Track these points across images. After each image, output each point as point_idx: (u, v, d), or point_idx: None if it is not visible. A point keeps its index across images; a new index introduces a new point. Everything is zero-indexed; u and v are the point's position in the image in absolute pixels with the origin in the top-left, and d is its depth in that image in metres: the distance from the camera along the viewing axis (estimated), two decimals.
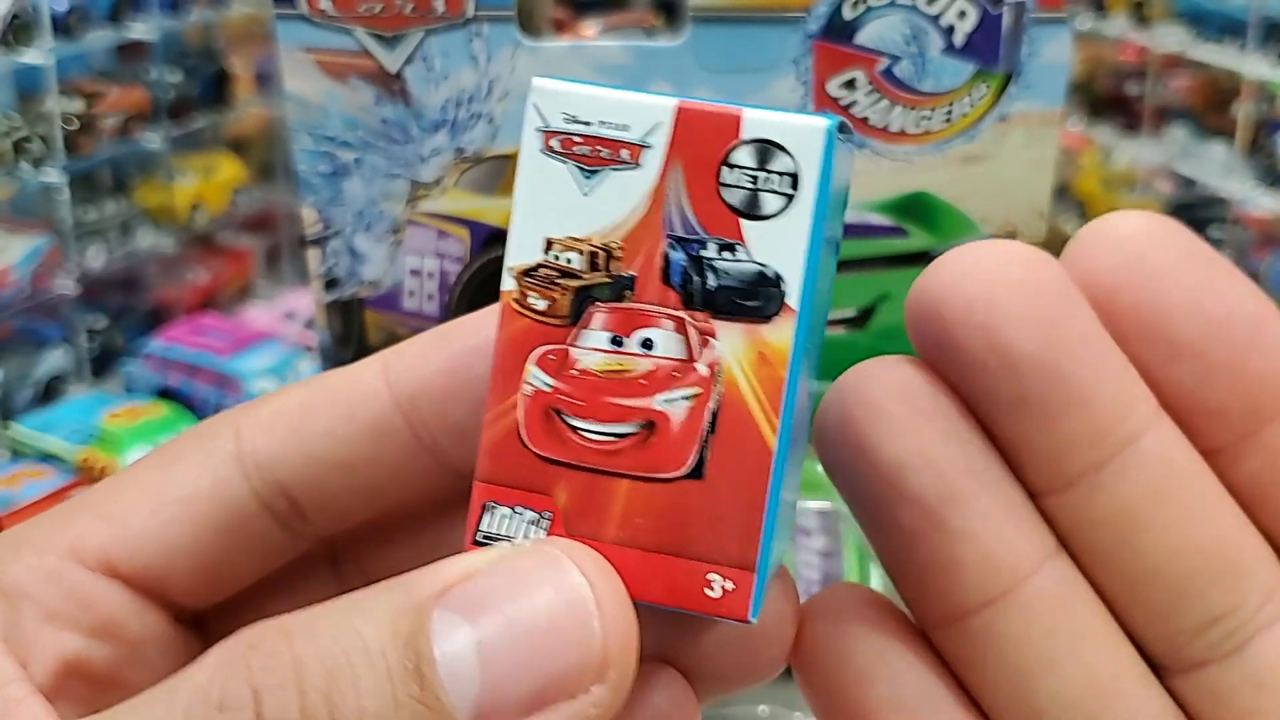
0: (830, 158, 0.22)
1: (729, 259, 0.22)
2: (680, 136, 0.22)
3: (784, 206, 0.22)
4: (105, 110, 0.89)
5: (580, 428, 0.23)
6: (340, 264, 0.48)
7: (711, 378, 0.22)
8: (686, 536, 0.22)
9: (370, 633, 0.20)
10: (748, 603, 0.22)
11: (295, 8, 0.45)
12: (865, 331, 0.49)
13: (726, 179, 0.22)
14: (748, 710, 0.48)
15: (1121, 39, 0.88)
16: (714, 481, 0.22)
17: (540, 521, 0.23)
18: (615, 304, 0.23)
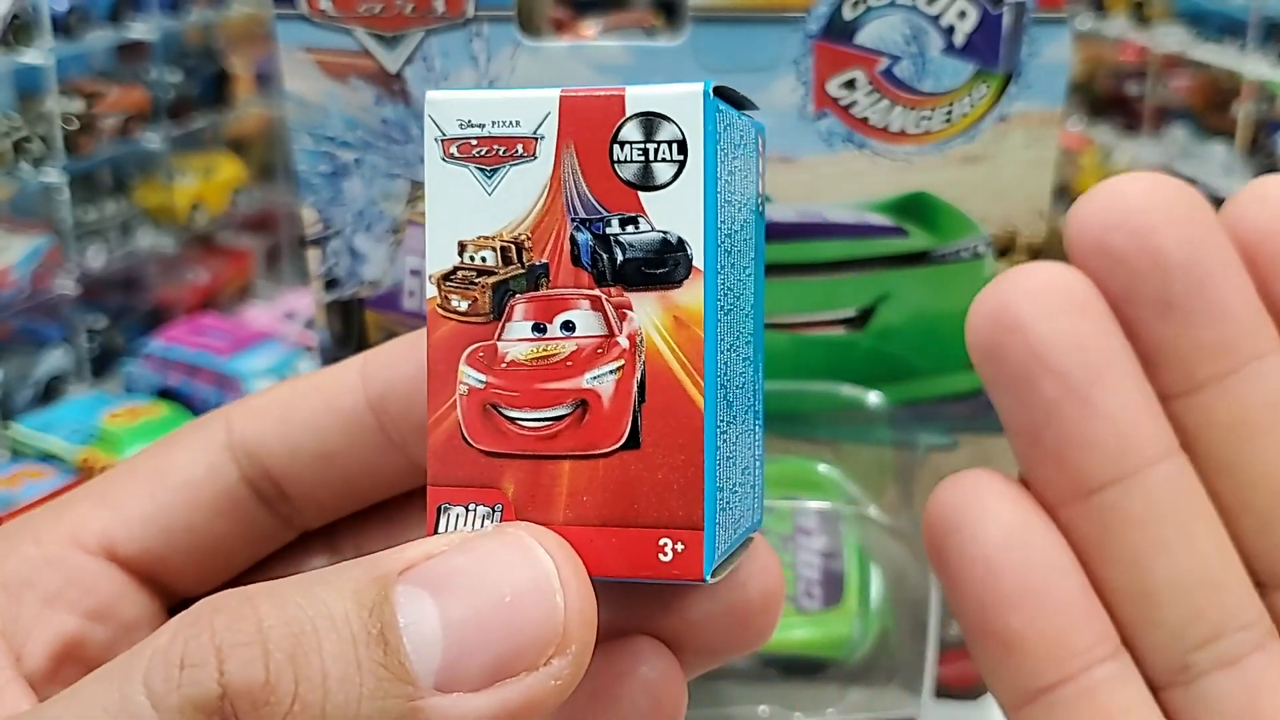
0: (712, 119, 0.23)
1: (633, 232, 0.23)
2: (568, 123, 0.23)
3: (676, 173, 0.23)
4: (105, 110, 0.89)
5: (517, 418, 0.23)
6: (340, 264, 0.48)
7: (633, 349, 0.23)
8: (633, 506, 0.23)
9: (335, 601, 0.21)
10: (700, 562, 0.23)
11: (295, 8, 0.45)
12: (865, 332, 0.49)
13: (619, 156, 0.23)
14: (748, 710, 0.48)
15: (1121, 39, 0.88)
16: (651, 448, 0.23)
17: (493, 515, 0.23)
18: (533, 293, 0.23)
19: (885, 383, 0.49)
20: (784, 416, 0.50)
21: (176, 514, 0.26)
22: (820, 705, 0.49)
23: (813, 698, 0.49)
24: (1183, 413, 0.24)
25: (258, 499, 0.27)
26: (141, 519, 0.26)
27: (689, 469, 0.23)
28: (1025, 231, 0.48)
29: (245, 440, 0.27)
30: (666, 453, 0.23)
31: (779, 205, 0.48)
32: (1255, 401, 0.23)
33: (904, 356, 0.49)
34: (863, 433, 0.50)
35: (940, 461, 0.50)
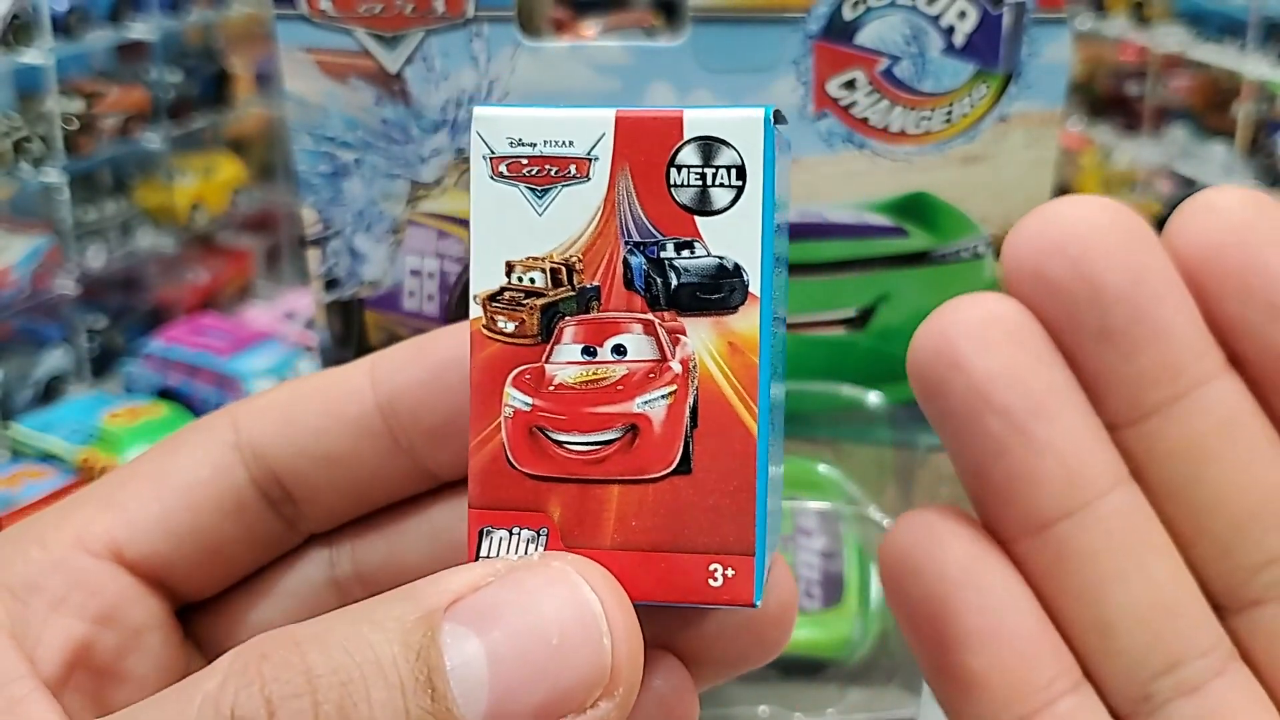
0: (772, 145, 0.23)
1: (688, 256, 0.23)
2: (624, 145, 0.23)
3: (734, 198, 0.23)
4: (105, 110, 0.89)
5: (564, 441, 0.23)
6: (340, 264, 0.48)
7: (686, 374, 0.23)
8: (682, 532, 0.23)
9: (382, 644, 0.20)
10: (751, 587, 0.22)
11: (295, 8, 0.45)
12: (865, 332, 0.49)
13: (675, 179, 0.23)
14: (748, 710, 0.48)
15: (1121, 39, 0.88)
16: (702, 474, 0.23)
17: (538, 539, 0.23)
18: (583, 316, 0.23)
19: (885, 383, 0.49)
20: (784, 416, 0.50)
21: (183, 516, 0.26)
22: (820, 705, 0.49)
23: (813, 698, 0.49)
24: (1131, 441, 0.24)
25: (264, 502, 0.27)
26: (147, 522, 0.26)
27: (741, 495, 0.22)
28: None
29: (252, 442, 0.26)
30: (719, 478, 0.23)
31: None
32: (1204, 427, 0.23)
33: (904, 356, 0.49)
34: (863, 433, 0.50)
35: (940, 462, 0.50)
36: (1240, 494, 0.23)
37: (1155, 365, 0.23)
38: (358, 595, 0.28)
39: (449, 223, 0.48)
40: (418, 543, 0.27)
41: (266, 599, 0.28)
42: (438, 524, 0.27)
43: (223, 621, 0.27)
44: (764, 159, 0.23)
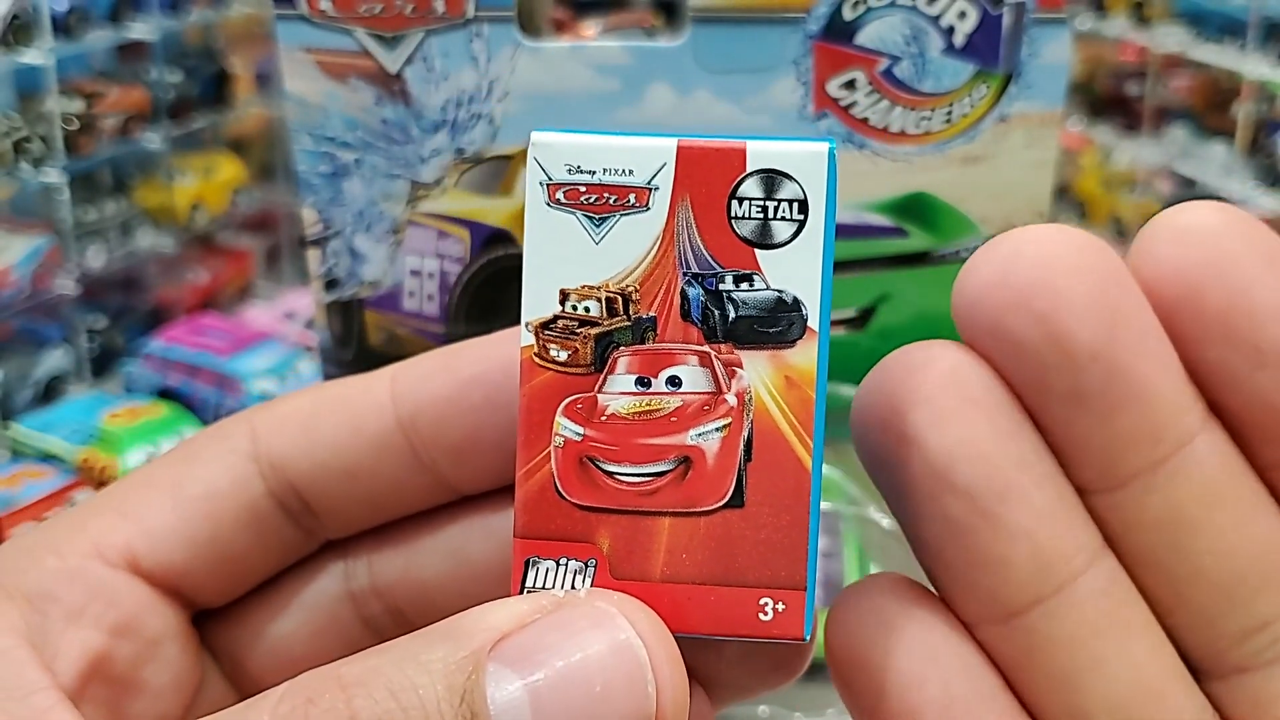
0: (834, 179, 0.22)
1: (747, 289, 0.23)
2: (684, 175, 0.23)
3: (795, 232, 0.22)
4: (105, 110, 0.89)
5: (615, 472, 0.23)
6: (340, 264, 0.48)
7: (741, 407, 0.23)
8: (733, 565, 0.22)
9: (426, 687, 0.20)
10: (802, 621, 0.22)
11: (295, 8, 0.45)
12: (865, 332, 0.49)
13: (736, 212, 0.23)
14: (748, 710, 0.48)
15: (1121, 39, 0.88)
16: (755, 508, 0.22)
17: (586, 570, 0.23)
18: (638, 346, 0.23)
19: None
20: None
21: (200, 527, 0.26)
22: (820, 705, 0.49)
23: (813, 698, 0.49)
24: (1107, 509, 0.21)
25: (282, 513, 0.26)
26: (164, 532, 0.25)
27: (794, 529, 0.22)
28: None
29: (271, 454, 0.26)
30: (772, 513, 0.22)
31: None
32: (1186, 495, 0.21)
33: None
34: None
35: None
36: (1224, 561, 0.21)
37: (1133, 428, 0.21)
38: (374, 608, 0.27)
39: (449, 223, 0.48)
40: (436, 558, 0.27)
41: (282, 610, 0.27)
42: (456, 540, 0.27)
43: (238, 631, 0.27)
44: (826, 193, 0.22)
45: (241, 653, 0.27)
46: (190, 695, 0.26)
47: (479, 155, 0.47)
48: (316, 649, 0.27)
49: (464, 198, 0.47)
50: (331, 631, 0.27)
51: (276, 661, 0.27)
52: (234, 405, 0.79)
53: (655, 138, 0.23)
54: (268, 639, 0.27)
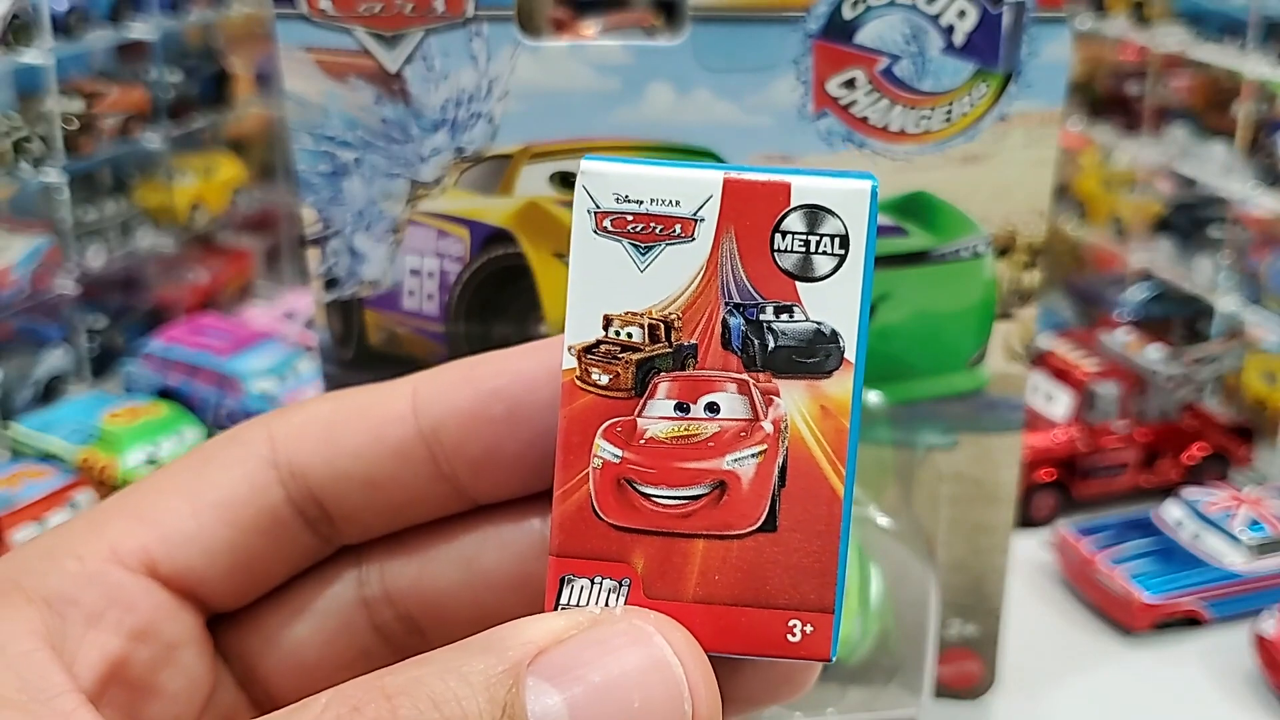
0: (874, 216, 0.23)
1: (787, 320, 0.23)
2: (730, 208, 0.23)
3: (836, 266, 0.23)
4: (105, 110, 0.89)
5: (652, 494, 0.23)
6: (340, 264, 0.48)
7: (777, 434, 0.23)
8: (765, 587, 0.23)
9: (469, 699, 0.21)
10: (828, 643, 0.23)
11: (295, 8, 0.45)
12: None
13: (779, 245, 0.23)
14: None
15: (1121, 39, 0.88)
16: (788, 532, 0.23)
17: (620, 589, 0.23)
18: (679, 373, 0.24)
19: (885, 383, 0.49)
20: None
21: (218, 532, 0.26)
22: (820, 705, 0.49)
23: (813, 698, 0.49)
24: None
25: (300, 519, 0.27)
26: (182, 537, 0.26)
27: (825, 554, 0.23)
28: (1025, 231, 0.48)
29: (290, 461, 0.26)
30: (805, 538, 0.23)
31: None
32: None
33: (904, 356, 0.49)
34: (863, 432, 0.50)
35: (940, 461, 0.50)
36: None
37: None
38: (386, 615, 0.28)
39: (449, 222, 0.48)
40: (450, 568, 0.27)
41: (297, 615, 0.28)
42: (470, 550, 0.27)
43: (250, 636, 0.27)
44: (867, 229, 0.23)
45: (254, 657, 0.27)
46: (204, 700, 0.26)
47: (479, 154, 0.47)
48: (328, 655, 0.27)
49: (464, 197, 0.47)
50: (344, 638, 0.28)
51: (288, 666, 0.27)
52: (234, 405, 0.78)
53: (703, 169, 0.23)
54: (280, 644, 0.27)
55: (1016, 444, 0.50)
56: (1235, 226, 0.79)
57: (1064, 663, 0.58)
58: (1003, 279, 0.49)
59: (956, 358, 0.49)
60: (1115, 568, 0.60)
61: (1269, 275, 0.76)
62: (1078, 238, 0.92)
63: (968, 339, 0.49)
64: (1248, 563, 0.60)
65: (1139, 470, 0.71)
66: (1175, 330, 0.84)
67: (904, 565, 0.48)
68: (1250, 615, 0.58)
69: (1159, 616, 0.59)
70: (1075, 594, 0.63)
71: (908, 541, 0.49)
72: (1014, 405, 0.50)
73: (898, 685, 0.49)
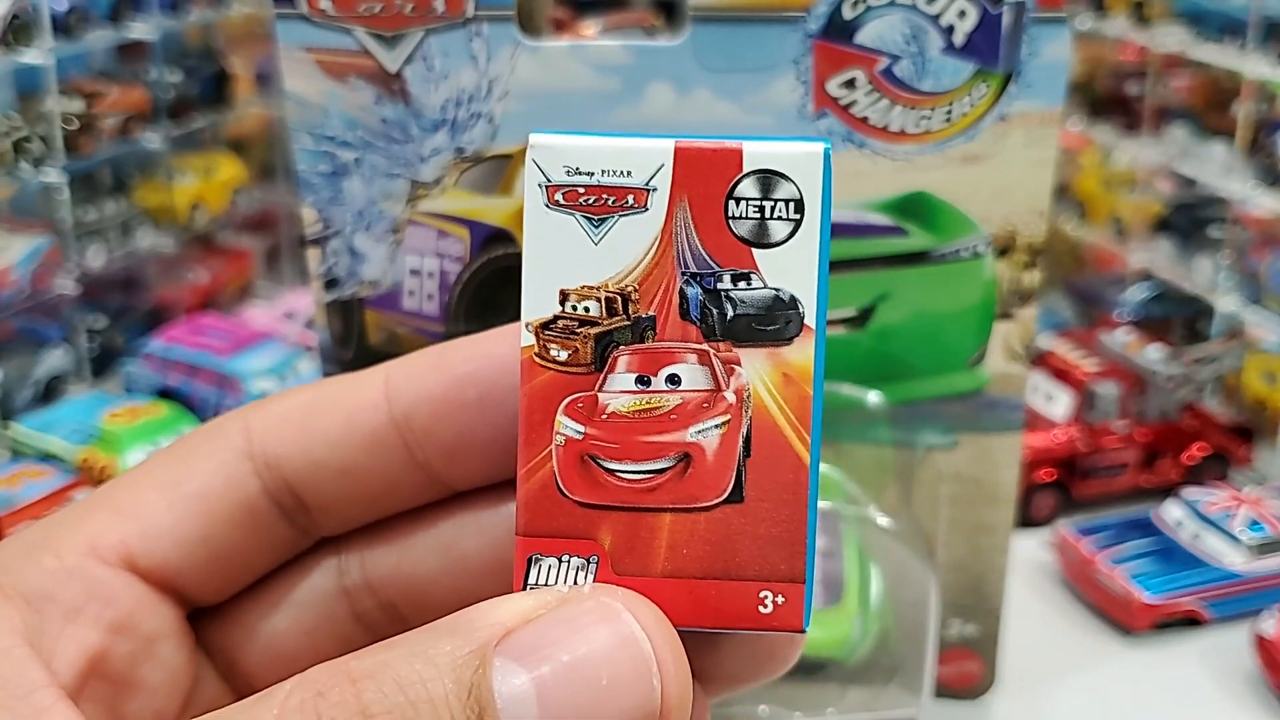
0: (829, 178, 0.23)
1: (745, 288, 0.23)
2: (682, 176, 0.23)
3: (792, 231, 0.23)
4: (105, 110, 0.89)
5: (617, 469, 0.23)
6: (340, 264, 0.48)
7: (740, 404, 0.23)
8: (733, 559, 0.23)
9: (434, 680, 0.21)
10: (801, 613, 0.23)
11: (295, 8, 0.45)
12: (865, 331, 0.49)
13: (734, 212, 0.23)
14: (748, 710, 0.48)
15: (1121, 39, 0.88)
16: (755, 503, 0.23)
17: (588, 567, 0.23)
18: (638, 345, 0.23)
19: (885, 383, 0.49)
20: None
21: (195, 525, 0.26)
22: (820, 705, 0.49)
23: (813, 697, 0.49)
24: None
25: (277, 511, 0.27)
26: (160, 530, 0.26)
27: (793, 523, 0.23)
28: (1025, 231, 0.48)
29: (266, 452, 0.26)
30: (771, 507, 0.23)
31: None
32: None
33: (904, 356, 0.49)
34: (863, 432, 0.50)
35: (940, 461, 0.50)
36: None
37: None
38: (367, 604, 0.28)
39: (449, 222, 0.48)
40: (428, 554, 0.27)
41: (277, 607, 0.28)
42: (448, 536, 0.27)
43: (232, 628, 0.27)
44: (822, 193, 0.23)
45: (235, 650, 0.27)
46: (186, 693, 0.26)
47: (479, 154, 0.47)
48: (310, 645, 0.27)
49: (464, 197, 0.47)
50: (325, 628, 0.28)
51: (270, 658, 0.27)
52: (234, 405, 0.78)
53: (653, 139, 0.23)
54: (261, 636, 0.27)
55: (1016, 444, 0.50)
56: (1235, 226, 0.79)
57: (1064, 663, 0.58)
58: (1003, 279, 0.49)
59: (956, 358, 0.49)
60: (1115, 568, 0.60)
61: (1269, 275, 0.76)
62: (1078, 238, 0.92)
63: (968, 339, 0.49)
64: (1248, 563, 0.60)
65: (1139, 470, 0.71)
66: (1175, 330, 0.84)
67: (904, 565, 0.48)
68: (1250, 615, 0.58)
69: (1159, 616, 0.59)
70: (1075, 594, 0.63)
71: (908, 541, 0.49)
72: (1014, 405, 0.50)
73: (898, 685, 0.49)
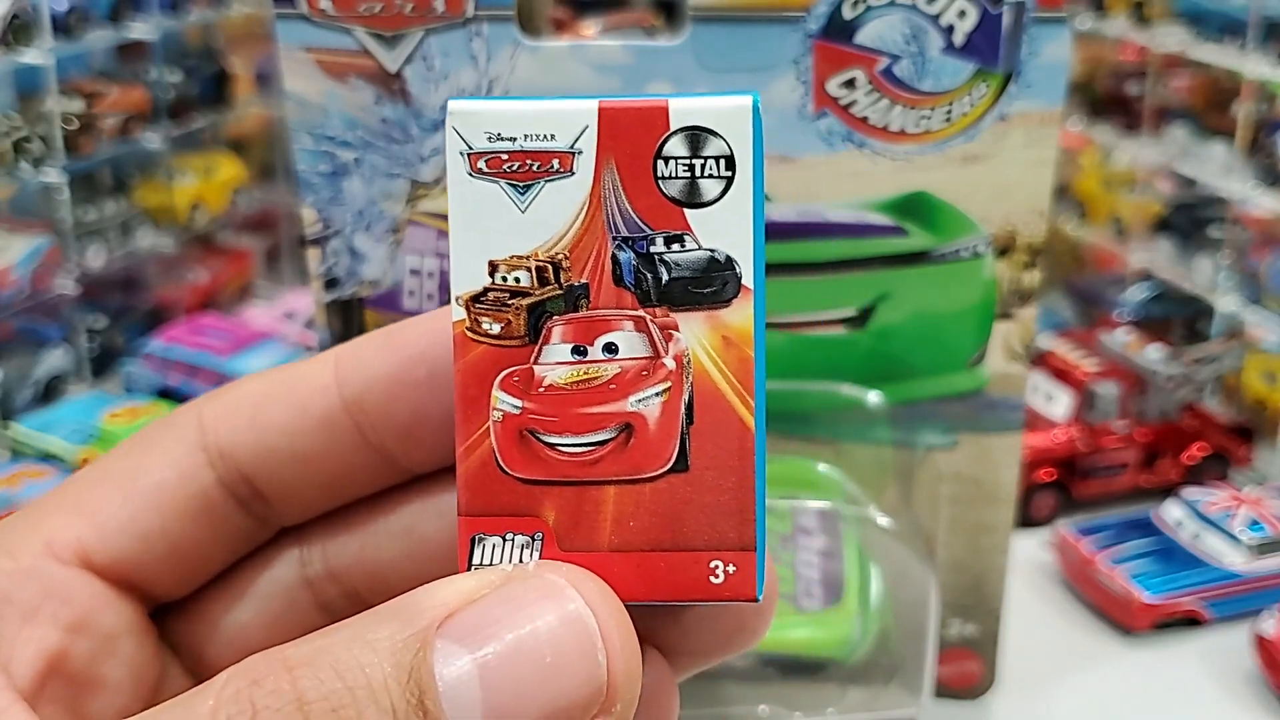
0: (759, 133, 0.22)
1: (679, 250, 0.22)
2: (608, 137, 0.22)
3: (724, 189, 0.22)
4: (105, 110, 0.89)
5: (557, 444, 0.23)
6: (340, 263, 0.48)
7: (680, 370, 0.22)
8: (681, 530, 0.22)
9: (373, 666, 0.20)
10: (753, 582, 0.22)
11: (295, 7, 0.45)
12: (865, 331, 0.49)
13: (663, 171, 0.22)
14: (748, 710, 0.48)
15: (1121, 39, 0.88)
16: (700, 471, 0.22)
17: (533, 544, 0.23)
18: (572, 314, 0.23)
19: (885, 383, 0.49)
20: (784, 416, 0.50)
21: (151, 519, 0.26)
22: (820, 705, 0.49)
23: (813, 697, 0.49)
24: None
25: (234, 501, 0.26)
26: (116, 526, 0.25)
27: (741, 490, 0.22)
28: (1025, 231, 0.48)
29: (219, 443, 0.26)
30: (718, 475, 0.22)
31: (779, 205, 0.48)
32: None
33: (904, 356, 0.49)
34: (863, 432, 0.50)
35: (940, 461, 0.50)
36: None
37: None
38: (330, 593, 0.27)
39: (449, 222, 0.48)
40: (390, 540, 0.27)
41: (240, 600, 0.27)
42: (409, 520, 0.27)
43: (197, 623, 0.27)
44: (753, 147, 0.22)
45: (201, 645, 0.27)
46: (151, 689, 0.26)
47: None
48: (275, 637, 0.27)
49: None
50: (289, 619, 0.27)
51: (235, 652, 0.27)
52: None
53: (576, 100, 0.22)
54: (226, 629, 0.27)
55: (1016, 444, 0.50)
56: (1235, 226, 0.79)
57: (1064, 663, 0.58)
58: (1003, 279, 0.49)
59: (956, 358, 0.49)
60: (1115, 568, 0.60)
61: (1269, 275, 0.76)
62: (1078, 238, 0.92)
63: (968, 339, 0.49)
64: (1248, 563, 0.60)
65: (1139, 470, 0.71)
66: (1175, 330, 0.84)
67: (904, 565, 0.48)
68: (1250, 615, 0.58)
69: (1159, 616, 0.59)
70: (1075, 594, 0.63)
71: (908, 541, 0.49)
72: (1014, 405, 0.50)
73: (898, 685, 0.49)
